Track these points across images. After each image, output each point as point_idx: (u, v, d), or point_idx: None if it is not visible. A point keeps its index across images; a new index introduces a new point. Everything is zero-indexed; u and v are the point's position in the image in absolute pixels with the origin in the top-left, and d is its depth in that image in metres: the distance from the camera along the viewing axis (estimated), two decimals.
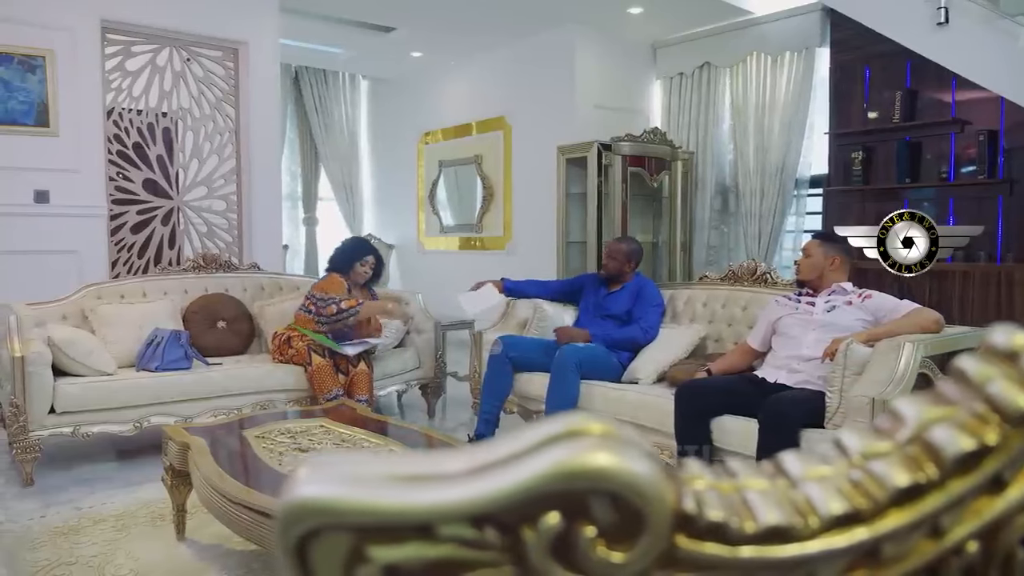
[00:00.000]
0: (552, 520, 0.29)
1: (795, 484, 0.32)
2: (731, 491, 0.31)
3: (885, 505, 0.31)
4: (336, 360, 3.76)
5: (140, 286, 4.02)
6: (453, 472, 0.29)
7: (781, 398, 2.62)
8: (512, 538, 0.29)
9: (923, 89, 4.93)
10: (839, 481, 0.32)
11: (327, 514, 0.28)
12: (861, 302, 2.85)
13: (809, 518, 0.31)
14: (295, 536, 0.29)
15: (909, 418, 0.33)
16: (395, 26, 6.24)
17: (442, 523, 0.28)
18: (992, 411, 0.31)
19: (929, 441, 0.32)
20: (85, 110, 4.53)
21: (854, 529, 0.31)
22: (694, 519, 0.30)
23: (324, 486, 0.29)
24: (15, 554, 2.47)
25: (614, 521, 0.29)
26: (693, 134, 6.19)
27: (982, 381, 0.32)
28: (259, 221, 5.27)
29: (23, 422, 3.07)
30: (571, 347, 3.43)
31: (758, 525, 0.30)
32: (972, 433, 0.31)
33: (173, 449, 2.46)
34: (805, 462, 0.33)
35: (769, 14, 5.64)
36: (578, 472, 0.28)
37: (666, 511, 0.29)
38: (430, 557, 0.29)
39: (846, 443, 0.33)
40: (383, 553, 0.29)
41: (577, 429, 0.30)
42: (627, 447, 0.29)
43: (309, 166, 7.90)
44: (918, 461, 0.32)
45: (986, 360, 0.32)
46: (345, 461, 0.30)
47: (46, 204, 4.44)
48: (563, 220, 5.78)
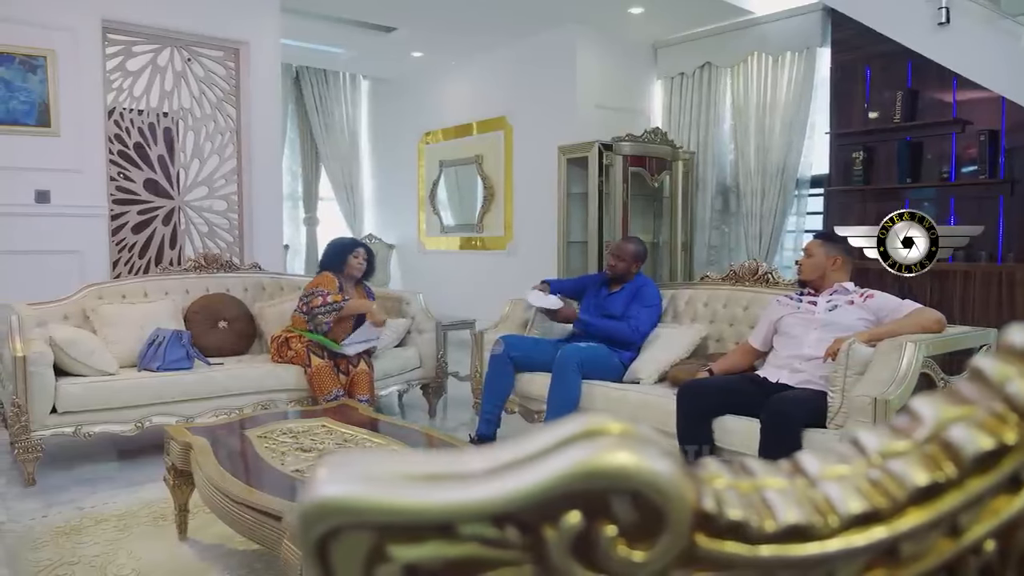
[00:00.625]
0: (573, 519, 0.29)
1: (814, 483, 0.32)
2: (750, 490, 0.31)
3: (904, 504, 0.31)
4: (336, 360, 3.76)
5: (141, 286, 4.02)
6: (474, 471, 0.29)
7: (783, 398, 2.62)
8: (533, 537, 0.29)
9: (924, 89, 4.93)
10: (858, 480, 0.32)
11: (348, 513, 0.28)
12: (863, 302, 2.85)
13: (828, 517, 0.31)
14: (316, 535, 0.29)
15: (927, 417, 0.33)
16: (396, 26, 6.24)
17: (463, 522, 0.28)
18: (1010, 410, 0.32)
19: (947, 440, 0.32)
20: (86, 110, 4.53)
21: (873, 528, 0.31)
22: (714, 518, 0.30)
23: (345, 485, 0.29)
24: (17, 554, 2.47)
25: (634, 520, 0.29)
26: (694, 134, 6.20)
27: (1000, 381, 0.32)
28: (260, 221, 5.27)
29: (25, 422, 3.07)
30: (572, 347, 3.43)
31: (778, 524, 0.30)
32: (990, 432, 0.31)
33: (175, 449, 2.46)
34: (823, 461, 0.33)
35: (770, 14, 5.64)
36: (599, 471, 0.28)
37: (686, 510, 0.29)
38: (451, 556, 0.29)
39: (864, 442, 0.33)
40: (404, 552, 0.29)
41: (596, 428, 0.30)
42: (646, 446, 0.29)
43: (310, 166, 7.90)
44: (936, 460, 0.32)
45: (1003, 359, 0.33)
46: (365, 460, 0.30)
47: (47, 204, 4.44)
48: (564, 220, 5.79)
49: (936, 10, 4.10)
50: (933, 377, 2.52)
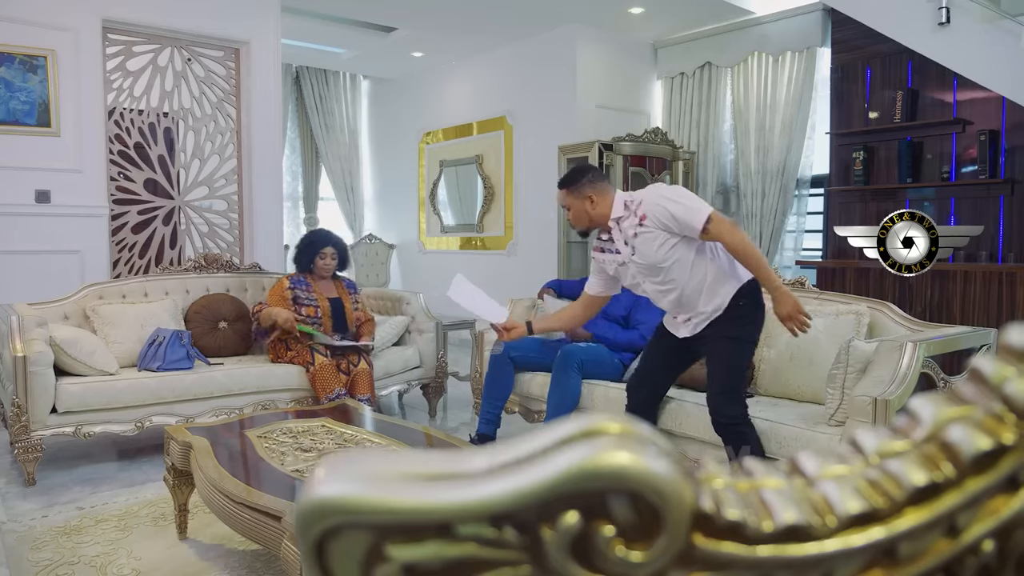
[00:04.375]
0: (571, 519, 0.29)
1: (812, 483, 0.32)
2: (748, 490, 0.31)
3: (902, 504, 0.31)
4: (337, 360, 3.76)
5: (142, 286, 4.02)
6: (472, 471, 0.29)
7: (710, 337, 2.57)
8: (531, 537, 0.29)
9: (924, 89, 4.93)
10: (856, 480, 0.32)
11: (346, 513, 0.28)
12: (640, 226, 2.53)
13: (827, 517, 0.31)
14: (314, 535, 0.29)
15: (926, 417, 0.33)
16: (396, 26, 6.25)
17: (461, 522, 0.28)
18: (1008, 411, 0.32)
19: (946, 440, 0.32)
20: (86, 110, 4.53)
21: (871, 528, 0.31)
22: (712, 518, 0.30)
23: (343, 485, 0.29)
24: (17, 554, 2.47)
25: (632, 520, 0.29)
26: (694, 134, 6.19)
27: (999, 381, 0.32)
28: (260, 221, 5.27)
29: (25, 422, 3.07)
30: (573, 347, 3.43)
31: (776, 524, 0.30)
32: (989, 432, 0.31)
33: (175, 449, 2.46)
34: (821, 461, 0.33)
35: (770, 14, 5.64)
36: (597, 471, 0.28)
37: (684, 510, 0.29)
38: (449, 556, 0.29)
39: (862, 442, 0.33)
40: (402, 552, 0.29)
41: (596, 429, 0.30)
42: (645, 446, 0.29)
43: (310, 166, 7.90)
44: (935, 460, 0.32)
45: (1003, 359, 0.33)
46: (363, 460, 0.30)
47: (47, 204, 4.44)
48: (564, 220, 5.78)
49: (936, 10, 4.10)
50: (933, 377, 2.52)
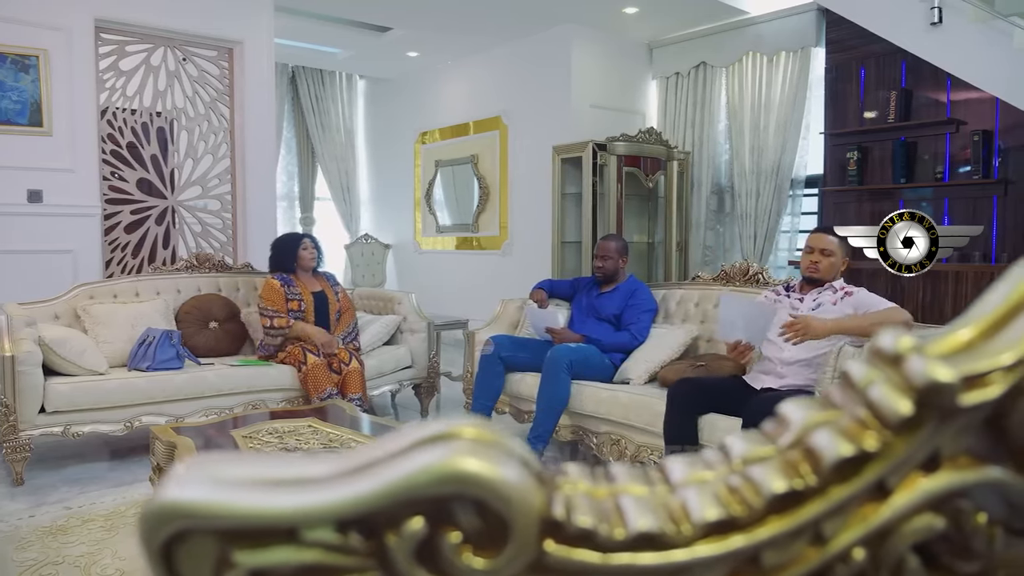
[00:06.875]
0: (415, 525, 0.28)
1: (673, 489, 0.31)
2: (606, 496, 0.31)
3: (763, 512, 0.30)
4: (329, 359, 3.76)
5: (133, 286, 4.02)
6: (319, 476, 0.29)
7: (766, 399, 2.61)
8: (376, 543, 0.28)
9: (918, 89, 4.92)
10: (717, 487, 0.31)
11: (190, 517, 0.28)
12: (843, 298, 2.79)
13: (682, 525, 0.30)
14: (160, 539, 0.28)
15: (794, 422, 0.32)
16: (391, 26, 6.24)
17: (306, 527, 0.28)
18: (873, 416, 0.31)
19: (810, 446, 0.31)
20: (79, 110, 4.53)
21: (731, 536, 0.30)
22: (563, 525, 0.29)
23: (188, 488, 0.28)
24: (2, 554, 2.47)
25: (479, 527, 0.28)
26: (689, 134, 6.18)
27: (864, 385, 0.31)
28: (254, 221, 5.26)
29: (13, 421, 3.07)
30: (563, 347, 3.43)
31: (628, 532, 0.30)
32: (852, 439, 0.31)
33: (160, 449, 2.46)
34: (690, 466, 0.32)
35: (765, 14, 5.63)
36: (442, 476, 0.28)
37: (531, 517, 0.28)
38: (296, 562, 0.28)
39: (730, 447, 0.33)
40: (249, 558, 0.28)
41: (449, 432, 0.29)
42: (497, 452, 0.29)
43: (306, 166, 7.90)
44: (797, 467, 0.31)
45: (871, 364, 0.32)
46: (217, 462, 0.29)
47: (40, 204, 4.43)
48: (559, 220, 5.78)
49: (929, 10, 4.08)
50: None
